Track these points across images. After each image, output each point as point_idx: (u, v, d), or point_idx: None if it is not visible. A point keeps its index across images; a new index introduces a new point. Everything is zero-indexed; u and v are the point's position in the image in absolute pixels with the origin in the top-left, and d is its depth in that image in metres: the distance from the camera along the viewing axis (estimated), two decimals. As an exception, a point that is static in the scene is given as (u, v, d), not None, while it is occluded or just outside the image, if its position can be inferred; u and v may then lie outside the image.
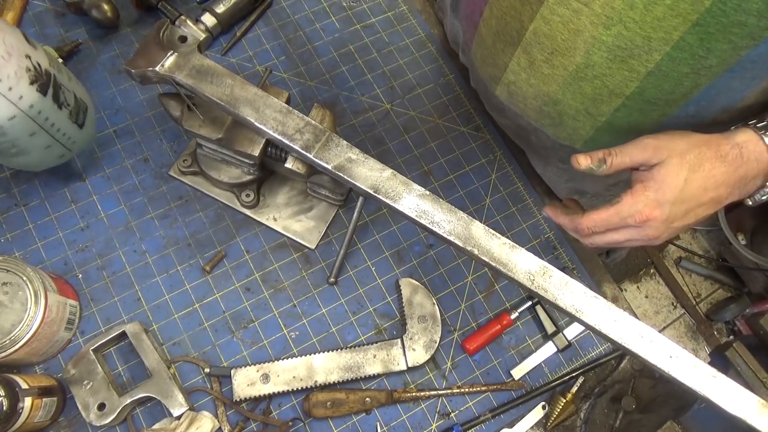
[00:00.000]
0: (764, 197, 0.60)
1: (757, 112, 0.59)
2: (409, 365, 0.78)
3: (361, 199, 0.72)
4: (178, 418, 0.72)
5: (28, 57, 0.62)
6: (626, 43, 0.54)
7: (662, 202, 0.55)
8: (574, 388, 0.80)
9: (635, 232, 0.57)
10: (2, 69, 0.59)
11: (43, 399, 0.68)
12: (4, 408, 0.63)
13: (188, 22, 0.89)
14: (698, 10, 0.49)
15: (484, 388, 0.80)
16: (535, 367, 0.82)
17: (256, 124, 0.68)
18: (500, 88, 0.74)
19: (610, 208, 0.57)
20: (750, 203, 0.60)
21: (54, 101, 0.66)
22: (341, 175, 0.67)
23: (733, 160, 0.55)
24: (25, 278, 0.69)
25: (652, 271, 2.10)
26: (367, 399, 0.76)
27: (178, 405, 0.72)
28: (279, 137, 0.68)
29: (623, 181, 0.74)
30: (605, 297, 0.87)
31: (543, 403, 0.81)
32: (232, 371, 0.75)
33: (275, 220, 0.85)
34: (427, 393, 0.78)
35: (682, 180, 0.55)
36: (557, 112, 0.69)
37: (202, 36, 0.90)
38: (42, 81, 0.64)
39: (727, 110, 0.62)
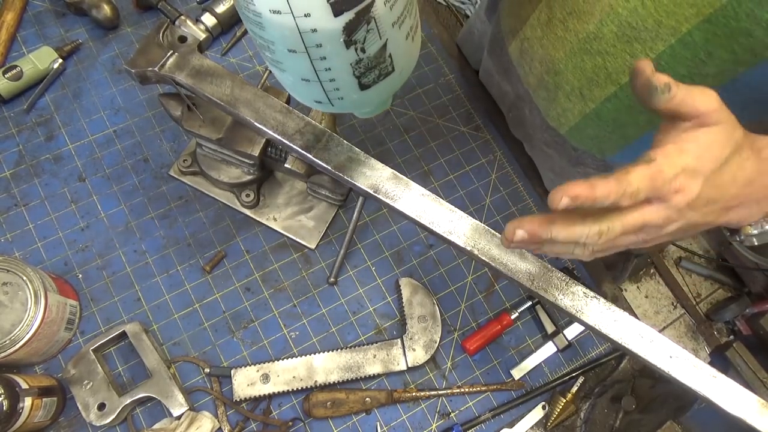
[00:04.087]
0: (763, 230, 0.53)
1: None
2: (409, 365, 0.78)
3: (361, 199, 0.72)
4: (178, 418, 0.72)
5: None
6: (637, 22, 0.55)
7: (699, 173, 0.42)
8: (574, 388, 0.80)
9: (656, 212, 0.42)
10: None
11: (43, 399, 0.68)
12: (4, 408, 0.63)
13: (188, 22, 0.89)
14: (714, 5, 0.49)
15: (484, 388, 0.80)
16: (535, 367, 0.82)
17: (256, 124, 0.68)
18: (515, 44, 0.76)
19: (635, 168, 0.41)
20: (742, 237, 0.55)
21: (345, 33, 0.46)
22: (341, 175, 0.67)
23: (766, 158, 0.45)
24: (25, 278, 0.69)
25: (652, 271, 2.10)
26: (367, 399, 0.76)
27: (178, 405, 0.72)
28: (279, 137, 0.68)
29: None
30: (605, 297, 0.87)
31: (543, 403, 0.81)
32: (232, 371, 0.75)
33: (275, 220, 0.85)
34: (427, 393, 0.78)
35: (725, 155, 0.43)
36: (554, 85, 0.70)
37: (202, 36, 0.90)
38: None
39: None
